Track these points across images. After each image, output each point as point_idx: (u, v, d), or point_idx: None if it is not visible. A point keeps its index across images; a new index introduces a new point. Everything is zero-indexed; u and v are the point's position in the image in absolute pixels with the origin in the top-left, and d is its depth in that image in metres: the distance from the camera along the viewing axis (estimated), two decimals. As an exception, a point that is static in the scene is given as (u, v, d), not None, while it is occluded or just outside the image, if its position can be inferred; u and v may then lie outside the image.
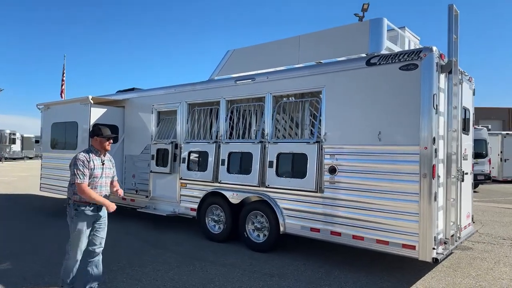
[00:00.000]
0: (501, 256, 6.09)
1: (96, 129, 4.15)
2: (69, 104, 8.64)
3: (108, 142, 4.17)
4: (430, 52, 4.61)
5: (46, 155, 9.42)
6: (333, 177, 5.32)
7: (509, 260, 5.88)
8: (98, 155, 4.10)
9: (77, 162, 3.92)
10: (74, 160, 3.94)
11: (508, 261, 5.79)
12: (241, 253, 5.95)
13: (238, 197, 6.37)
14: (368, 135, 5.03)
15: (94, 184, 4.01)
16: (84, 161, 3.95)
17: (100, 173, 4.05)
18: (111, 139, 4.21)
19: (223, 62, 7.07)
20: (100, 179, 4.06)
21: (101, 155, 4.14)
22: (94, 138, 4.11)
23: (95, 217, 4.08)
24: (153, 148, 7.79)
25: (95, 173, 4.01)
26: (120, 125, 8.57)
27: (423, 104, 4.62)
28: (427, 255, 4.55)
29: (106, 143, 4.14)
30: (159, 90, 7.94)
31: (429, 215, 4.55)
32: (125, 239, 6.74)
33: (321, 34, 5.91)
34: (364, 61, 5.11)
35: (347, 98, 5.25)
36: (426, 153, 4.58)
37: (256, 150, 6.14)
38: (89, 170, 3.95)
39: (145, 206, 7.97)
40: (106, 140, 4.13)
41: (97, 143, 4.11)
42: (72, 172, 3.89)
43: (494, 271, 5.31)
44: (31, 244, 6.39)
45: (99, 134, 4.10)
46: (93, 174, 3.99)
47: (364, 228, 5.02)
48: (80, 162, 3.92)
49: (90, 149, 4.12)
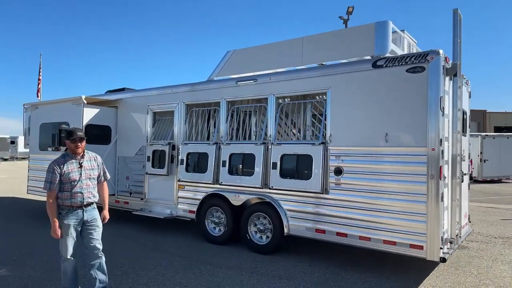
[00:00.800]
0: (496, 254, 6.25)
1: (65, 131, 4.07)
2: (60, 104, 8.37)
3: (75, 145, 3.91)
4: (437, 55, 4.69)
5: (34, 157, 9.10)
6: (339, 178, 5.34)
7: (505, 258, 6.04)
8: (74, 158, 3.96)
9: (49, 169, 3.88)
10: (48, 167, 3.90)
11: (505, 259, 5.95)
12: (243, 255, 5.90)
13: (240, 199, 6.32)
14: (374, 137, 5.08)
15: (74, 188, 3.88)
16: (55, 169, 3.84)
17: (77, 176, 3.91)
18: (80, 142, 3.94)
19: (223, 62, 7.01)
20: (80, 182, 3.92)
21: (78, 157, 3.96)
22: (66, 142, 3.99)
23: (78, 218, 3.95)
24: (149, 149, 7.64)
25: (71, 177, 3.87)
26: (113, 125, 8.37)
27: (430, 106, 4.69)
28: (435, 255, 4.62)
29: (74, 145, 3.91)
30: (155, 90, 7.80)
31: (436, 216, 4.63)
32: (122, 243, 6.58)
33: (325, 36, 5.93)
34: (370, 63, 5.16)
35: (353, 100, 5.29)
36: (433, 154, 4.65)
37: (259, 151, 6.11)
38: (61, 176, 3.84)
39: (140, 208, 7.80)
40: (74, 143, 3.91)
41: (69, 147, 3.97)
42: (44, 179, 3.87)
43: (494, 269, 5.44)
44: (26, 248, 6.14)
45: (67, 137, 3.95)
46: (69, 178, 3.86)
47: (371, 229, 5.06)
48: (49, 169, 3.87)
49: (66, 153, 4.01)
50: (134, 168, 8.02)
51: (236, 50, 6.91)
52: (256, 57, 6.64)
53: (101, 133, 8.20)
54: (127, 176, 8.15)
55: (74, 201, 3.92)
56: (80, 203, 3.94)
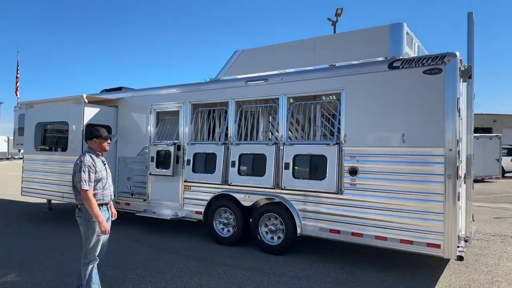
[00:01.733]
0: (499, 251, 6.42)
1: (93, 130, 4.14)
2: (58, 103, 8.12)
3: (107, 143, 4.17)
4: (454, 58, 4.78)
5: (29, 157, 8.80)
6: (354, 179, 5.38)
7: (509, 255, 6.21)
8: (98, 157, 4.08)
9: (83, 168, 3.87)
10: (80, 166, 3.88)
11: (509, 256, 6.11)
12: (256, 256, 5.87)
13: (250, 200, 6.28)
14: (391, 137, 5.14)
15: (104, 186, 4.03)
16: (91, 166, 3.91)
17: (105, 174, 4.07)
18: (109, 139, 4.21)
19: (231, 62, 6.96)
20: (107, 180, 4.09)
21: (101, 156, 4.12)
22: (93, 140, 4.08)
23: (106, 216, 4.05)
24: (153, 149, 7.51)
25: (102, 175, 4.02)
26: (113, 125, 8.18)
27: (447, 107, 4.77)
28: (452, 253, 4.71)
29: (105, 143, 4.14)
30: (159, 89, 7.67)
31: (454, 215, 4.72)
32: (129, 245, 6.45)
33: (338, 37, 5.99)
34: (386, 64, 5.21)
35: (368, 100, 5.33)
36: (450, 154, 4.74)
37: (270, 151, 6.09)
38: (95, 174, 3.93)
39: (143, 210, 7.66)
40: (104, 141, 4.12)
41: (96, 145, 4.09)
42: (78, 178, 3.84)
43: (502, 267, 5.58)
44: (27, 252, 5.94)
45: (98, 135, 4.08)
46: (101, 176, 3.99)
47: (387, 228, 5.11)
48: (86, 168, 3.87)
49: (90, 152, 4.06)
50: (136, 169, 7.86)
51: (244, 50, 6.87)
52: (266, 57, 6.62)
53: (101, 133, 8.01)
54: (128, 177, 7.98)
55: (104, 199, 4.03)
56: (108, 200, 4.10)
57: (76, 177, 3.87)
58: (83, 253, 4.01)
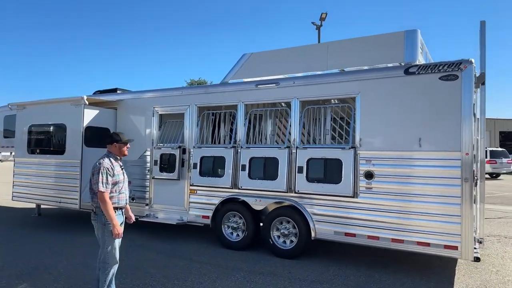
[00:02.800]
0: (500, 251, 6.63)
1: (113, 135, 4.25)
2: (55, 104, 7.82)
3: (126, 147, 4.26)
4: (470, 64, 4.92)
5: (21, 161, 8.43)
6: (370, 182, 5.44)
7: (511, 255, 6.44)
8: (117, 161, 4.15)
9: (102, 170, 3.91)
10: (98, 168, 3.93)
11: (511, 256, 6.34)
12: (269, 260, 5.84)
13: (262, 204, 6.25)
14: (407, 141, 5.22)
15: (120, 190, 4.06)
16: (109, 169, 3.96)
17: (122, 178, 4.13)
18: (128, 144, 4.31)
19: (239, 65, 6.91)
20: (124, 183, 4.14)
21: (119, 160, 4.21)
22: (113, 144, 4.16)
23: (121, 220, 4.06)
24: (156, 153, 7.35)
25: (119, 178, 4.07)
26: (112, 128, 7.96)
27: (464, 113, 4.90)
28: (469, 255, 4.84)
29: (125, 148, 4.24)
30: (163, 91, 7.53)
31: (470, 217, 4.85)
32: (138, 252, 6.27)
33: (351, 42, 6.03)
34: (402, 69, 5.31)
35: (384, 105, 5.41)
36: (467, 158, 4.87)
37: (283, 155, 6.08)
38: (113, 177, 3.97)
39: (145, 214, 7.48)
40: (124, 146, 4.23)
41: (116, 149, 4.17)
42: (96, 180, 3.89)
43: (509, 266, 5.78)
44: (32, 261, 5.67)
45: (118, 140, 4.17)
46: (118, 180, 4.04)
47: (404, 231, 5.19)
48: (105, 171, 3.92)
49: (109, 155, 4.13)
50: (136, 173, 7.67)
51: (254, 53, 6.84)
52: (276, 61, 6.61)
53: (100, 136, 7.76)
54: (128, 180, 7.75)
55: (119, 203, 4.04)
56: (123, 204, 4.12)
57: (94, 178, 3.90)
58: (102, 258, 3.97)
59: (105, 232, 3.92)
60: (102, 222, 3.92)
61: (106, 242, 3.92)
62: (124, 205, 4.14)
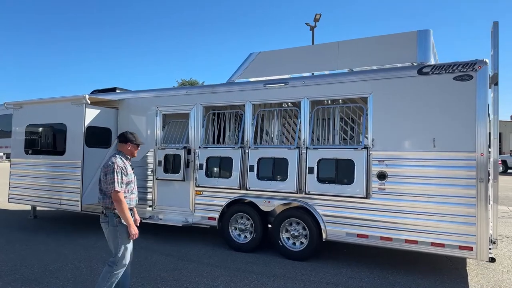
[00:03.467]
0: (506, 251, 6.64)
1: (128, 134, 4.13)
2: (54, 104, 7.60)
3: (137, 149, 4.19)
4: (485, 65, 4.91)
5: (18, 162, 8.16)
6: (382, 183, 5.39)
7: (510, 254, 6.44)
8: (127, 160, 4.06)
9: (117, 170, 3.80)
10: (112, 167, 3.80)
11: None
12: (280, 262, 5.75)
13: (271, 205, 6.16)
14: (421, 141, 5.20)
15: (131, 190, 3.98)
16: (123, 168, 3.87)
17: (133, 178, 4.05)
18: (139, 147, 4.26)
19: (246, 64, 6.81)
20: (135, 184, 4.08)
21: (129, 160, 4.10)
22: (127, 144, 4.06)
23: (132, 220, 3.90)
24: (160, 153, 7.20)
25: (131, 178, 3.99)
26: (114, 128, 7.79)
27: (478, 113, 4.90)
28: (485, 256, 4.82)
29: (136, 149, 4.17)
30: (167, 91, 7.39)
31: (485, 217, 4.84)
32: (142, 254, 6.11)
33: (363, 41, 5.98)
34: (415, 69, 5.28)
35: (397, 105, 5.37)
36: (482, 159, 4.86)
37: (293, 156, 6.00)
38: (126, 176, 3.89)
39: (148, 216, 7.32)
40: (137, 147, 4.16)
41: (128, 149, 4.08)
42: (111, 180, 3.75)
43: (518, 266, 5.80)
44: (39, 265, 5.48)
45: (133, 140, 4.09)
46: (130, 180, 3.97)
47: (418, 232, 5.15)
48: (119, 170, 3.81)
49: (121, 155, 4.02)
50: (139, 173, 7.48)
51: (261, 52, 6.74)
52: (285, 60, 6.53)
53: (101, 136, 7.61)
54: (130, 182, 7.59)
55: (130, 203, 3.95)
56: (133, 205, 4.04)
57: (108, 178, 3.76)
58: (112, 261, 3.83)
59: (117, 234, 3.80)
60: (114, 223, 3.80)
61: (119, 244, 3.79)
62: (134, 206, 4.06)
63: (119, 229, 3.79)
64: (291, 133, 6.85)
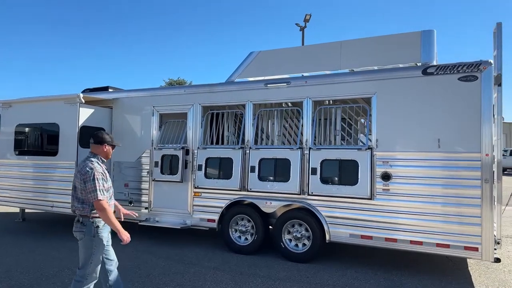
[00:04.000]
0: (504, 251, 6.65)
1: (104, 135, 3.68)
2: (46, 103, 7.35)
3: (112, 150, 3.75)
4: (490, 65, 4.92)
5: (6, 163, 7.85)
6: (387, 184, 5.36)
7: (509, 253, 6.50)
8: (104, 164, 3.64)
9: (97, 177, 3.42)
10: (92, 174, 3.40)
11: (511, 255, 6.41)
12: (283, 265, 5.66)
13: (273, 206, 6.06)
14: (426, 142, 5.18)
15: (111, 196, 3.64)
16: (103, 174, 3.51)
17: (111, 184, 3.67)
18: None
19: (246, 63, 6.70)
20: (112, 189, 3.70)
21: (104, 163, 3.67)
22: (103, 145, 3.62)
23: (109, 230, 3.62)
24: (157, 154, 7.03)
25: (110, 184, 3.63)
26: (108, 128, 7.57)
27: (483, 114, 4.90)
28: (490, 256, 4.83)
29: (112, 150, 3.74)
30: (164, 90, 7.28)
31: (490, 218, 4.85)
32: (141, 257, 5.95)
33: (366, 41, 5.94)
34: (420, 70, 5.26)
35: (401, 105, 5.34)
36: (487, 159, 4.87)
37: (295, 156, 5.92)
38: (106, 182, 3.54)
39: (145, 219, 7.14)
40: (113, 148, 3.75)
41: (104, 151, 3.64)
42: (92, 188, 3.37)
43: (518, 266, 5.85)
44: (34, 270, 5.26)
45: (109, 141, 3.66)
46: (110, 185, 3.62)
47: (423, 232, 5.13)
48: (100, 176, 3.44)
49: (96, 158, 3.58)
50: (135, 175, 7.32)
51: (261, 51, 6.65)
52: (285, 60, 6.46)
53: (95, 136, 7.38)
54: (125, 183, 7.42)
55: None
56: (113, 210, 3.62)
57: (88, 186, 3.38)
58: (82, 272, 3.44)
59: (92, 244, 3.44)
60: (91, 233, 3.43)
61: (91, 256, 3.43)
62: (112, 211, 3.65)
63: (95, 241, 3.45)
64: (292, 134, 6.78)
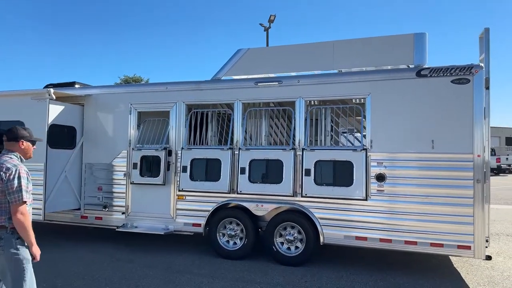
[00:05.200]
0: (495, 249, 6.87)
1: (19, 129, 3.13)
2: (9, 98, 6.62)
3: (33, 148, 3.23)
4: (481, 69, 5.08)
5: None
6: (381, 185, 5.37)
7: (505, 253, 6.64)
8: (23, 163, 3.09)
9: (22, 175, 2.91)
10: (16, 171, 2.89)
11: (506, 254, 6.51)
12: (278, 270, 5.48)
13: (264, 209, 5.88)
14: (419, 143, 5.24)
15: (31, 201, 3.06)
16: (28, 173, 3.00)
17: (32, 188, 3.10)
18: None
19: (233, 61, 6.45)
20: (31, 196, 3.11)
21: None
22: (19, 141, 3.07)
23: None
24: (136, 155, 6.58)
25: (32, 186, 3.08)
26: (78, 126, 6.99)
27: (475, 116, 5.05)
28: (482, 254, 4.98)
29: (32, 148, 3.21)
30: (142, 86, 6.89)
31: (482, 217, 5.00)
32: (124, 267, 5.51)
33: (359, 42, 5.92)
34: (414, 72, 5.33)
35: (395, 107, 5.38)
36: (479, 160, 5.02)
37: (288, 157, 5.77)
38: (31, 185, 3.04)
39: (122, 224, 6.66)
40: (33, 145, 3.21)
41: (21, 149, 3.09)
42: (17, 188, 2.86)
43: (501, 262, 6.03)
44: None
45: (26, 136, 3.12)
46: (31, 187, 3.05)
47: (417, 232, 5.20)
48: (25, 175, 2.94)
49: (16, 156, 3.05)
50: (109, 177, 6.82)
51: (250, 49, 6.43)
52: (275, 58, 6.29)
53: (65, 136, 6.79)
54: (99, 186, 6.88)
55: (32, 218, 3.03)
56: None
57: (12, 185, 2.85)
58: None
59: (19, 259, 2.88)
60: (13, 246, 2.87)
61: (23, 273, 2.88)
62: None
63: (21, 253, 2.89)
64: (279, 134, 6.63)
